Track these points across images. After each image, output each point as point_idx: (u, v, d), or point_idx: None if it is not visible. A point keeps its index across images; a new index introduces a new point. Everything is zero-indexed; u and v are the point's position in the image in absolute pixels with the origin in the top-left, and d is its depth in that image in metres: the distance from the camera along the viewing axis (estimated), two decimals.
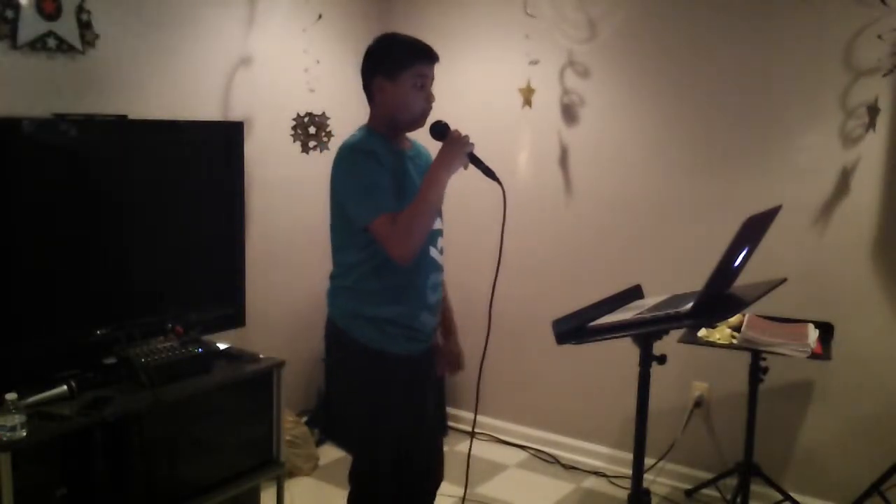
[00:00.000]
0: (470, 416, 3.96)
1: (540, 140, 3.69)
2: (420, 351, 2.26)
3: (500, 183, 2.12)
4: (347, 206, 2.10)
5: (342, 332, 2.22)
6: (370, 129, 2.20)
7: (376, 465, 2.25)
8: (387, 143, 2.17)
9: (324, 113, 3.60)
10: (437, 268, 2.25)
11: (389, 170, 2.10)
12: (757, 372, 2.91)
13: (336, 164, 2.14)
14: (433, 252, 2.21)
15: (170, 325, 2.68)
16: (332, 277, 2.26)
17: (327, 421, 2.35)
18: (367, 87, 2.21)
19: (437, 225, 2.21)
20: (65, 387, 2.35)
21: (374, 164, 2.07)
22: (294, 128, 3.52)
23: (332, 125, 3.64)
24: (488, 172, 2.15)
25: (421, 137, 2.30)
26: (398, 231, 2.00)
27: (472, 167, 2.15)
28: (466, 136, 2.13)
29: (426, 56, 2.17)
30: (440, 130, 2.16)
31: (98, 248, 2.60)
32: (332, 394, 2.35)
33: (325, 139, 3.61)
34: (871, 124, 2.88)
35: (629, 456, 2.42)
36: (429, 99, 2.18)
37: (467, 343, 2.47)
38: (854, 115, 2.94)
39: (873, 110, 2.86)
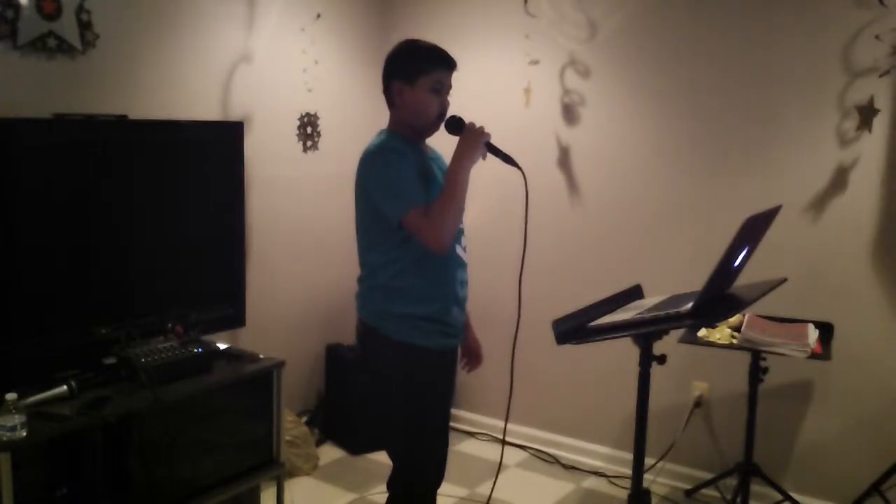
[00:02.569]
0: (469, 416, 3.99)
1: (540, 140, 3.68)
2: (451, 346, 2.30)
3: (519, 168, 2.16)
4: (380, 205, 2.13)
5: (373, 330, 2.22)
6: (391, 131, 2.24)
7: (422, 468, 2.25)
8: (409, 144, 2.20)
9: (316, 113, 3.61)
10: (463, 264, 2.28)
11: (415, 166, 2.13)
12: (757, 372, 2.91)
13: (363, 167, 2.17)
14: (458, 249, 2.24)
15: (170, 325, 2.67)
16: (361, 280, 2.28)
17: (376, 430, 2.37)
18: (387, 91, 2.24)
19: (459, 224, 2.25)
20: (65, 387, 2.35)
21: (400, 161, 2.11)
22: (299, 128, 3.54)
23: (323, 125, 3.65)
24: (507, 159, 2.19)
25: (436, 143, 2.34)
26: (431, 223, 2.04)
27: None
28: (482, 127, 2.17)
29: (445, 63, 2.20)
30: (455, 124, 2.20)
31: (98, 248, 2.59)
32: (370, 397, 2.35)
33: (315, 138, 3.63)
34: (867, 125, 2.87)
35: (629, 456, 2.43)
36: (443, 104, 2.20)
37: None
38: (853, 116, 2.94)
39: (867, 111, 2.86)
